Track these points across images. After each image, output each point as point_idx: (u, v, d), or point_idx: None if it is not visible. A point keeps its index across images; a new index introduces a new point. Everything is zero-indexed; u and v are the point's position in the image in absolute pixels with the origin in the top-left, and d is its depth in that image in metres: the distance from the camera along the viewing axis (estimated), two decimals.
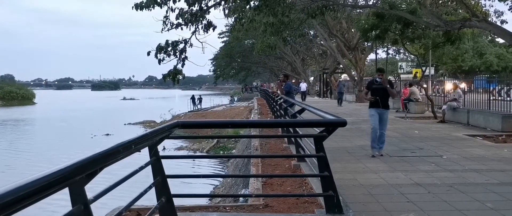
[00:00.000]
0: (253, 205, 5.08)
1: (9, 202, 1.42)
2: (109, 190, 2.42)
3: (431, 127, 13.33)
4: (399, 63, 53.24)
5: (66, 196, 2.01)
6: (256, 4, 12.97)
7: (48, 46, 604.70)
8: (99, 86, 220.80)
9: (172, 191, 3.57)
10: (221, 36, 54.78)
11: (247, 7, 13.37)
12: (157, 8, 11.31)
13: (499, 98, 13.91)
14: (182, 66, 12.44)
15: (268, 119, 16.94)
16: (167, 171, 3.55)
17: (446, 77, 35.46)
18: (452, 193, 5.48)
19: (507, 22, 21.60)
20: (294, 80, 48.49)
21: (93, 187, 2.22)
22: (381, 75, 8.37)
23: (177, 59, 12.33)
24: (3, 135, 33.30)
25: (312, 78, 55.14)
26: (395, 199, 5.25)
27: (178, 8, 11.61)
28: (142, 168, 3.10)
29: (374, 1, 24.91)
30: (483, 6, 18.26)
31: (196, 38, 12.32)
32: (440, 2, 17.67)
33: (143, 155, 3.35)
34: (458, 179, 6.28)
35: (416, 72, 33.41)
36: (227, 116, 33.74)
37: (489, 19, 15.56)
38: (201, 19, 12.04)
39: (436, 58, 29.01)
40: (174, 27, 11.88)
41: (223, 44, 55.93)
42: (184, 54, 12.35)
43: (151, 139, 3.12)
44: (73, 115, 50.06)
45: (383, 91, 8.09)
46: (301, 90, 33.74)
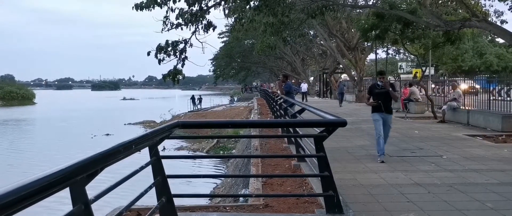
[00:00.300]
0: (253, 205, 5.08)
1: (10, 202, 1.43)
2: (109, 190, 2.43)
3: (431, 127, 13.33)
4: (399, 63, 53.22)
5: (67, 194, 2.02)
6: (256, 4, 12.97)
7: (48, 46, 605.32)
8: (99, 86, 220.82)
9: (172, 191, 3.58)
10: (221, 36, 54.84)
11: (247, 7, 13.38)
12: (157, 8, 11.32)
13: (499, 98, 13.91)
14: (182, 66, 12.46)
15: (268, 119, 16.94)
16: (167, 171, 3.56)
17: (446, 77, 35.47)
18: (452, 193, 5.49)
19: (507, 22, 21.65)
20: (294, 80, 48.48)
21: (94, 186, 2.23)
22: (382, 78, 8.17)
23: (177, 59, 12.34)
24: (4, 135, 33.35)
25: (312, 78, 55.12)
26: (395, 199, 5.25)
27: (178, 8, 11.63)
28: (142, 168, 3.11)
29: (374, 1, 24.90)
30: (483, 6, 18.30)
31: (196, 38, 12.35)
32: (440, 2, 17.67)
33: (144, 155, 3.35)
34: (458, 179, 6.28)
35: (416, 72, 33.42)
36: (227, 116, 33.73)
37: (489, 19, 15.56)
38: (201, 19, 12.05)
39: (436, 58, 29.02)
40: (174, 27, 11.89)
41: (223, 44, 55.95)
42: (184, 54, 12.36)
43: (152, 139, 3.13)
44: (73, 115, 50.07)
45: (385, 95, 7.90)
46: (302, 91, 33.70)
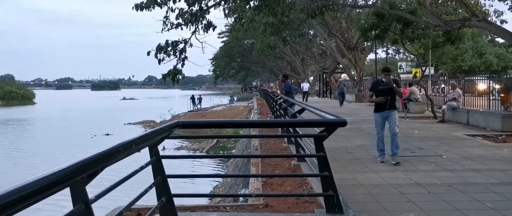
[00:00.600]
0: (253, 205, 5.08)
1: (11, 202, 1.43)
2: (110, 190, 2.43)
3: (431, 127, 13.33)
4: (399, 63, 53.18)
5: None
6: (256, 4, 12.97)
7: (48, 46, 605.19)
8: (99, 86, 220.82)
9: (172, 191, 3.58)
10: (220, 36, 54.82)
11: (247, 7, 13.38)
12: (157, 8, 11.32)
13: (499, 98, 13.91)
14: (182, 66, 12.46)
15: (268, 119, 16.94)
16: (167, 171, 3.55)
17: (445, 77, 35.50)
18: (452, 193, 5.49)
19: (507, 22, 21.70)
20: (293, 80, 48.48)
21: (94, 186, 2.23)
22: (387, 75, 8.01)
23: (177, 59, 12.33)
24: (5, 134, 33.39)
25: (311, 78, 55.12)
26: (395, 199, 5.25)
27: (178, 8, 11.63)
28: (142, 168, 3.11)
29: (374, 0, 24.89)
30: (483, 5, 18.35)
31: (196, 38, 12.34)
32: (440, 2, 17.67)
33: (144, 155, 3.35)
34: (458, 179, 6.28)
35: (416, 72, 33.40)
36: (227, 116, 33.73)
37: (489, 19, 15.57)
38: (201, 19, 12.05)
39: (436, 58, 28.97)
40: (174, 27, 11.89)
41: (223, 44, 55.93)
42: (184, 54, 12.36)
43: (152, 139, 3.13)
44: (73, 115, 50.07)
45: (390, 91, 7.77)
46: (303, 90, 33.68)
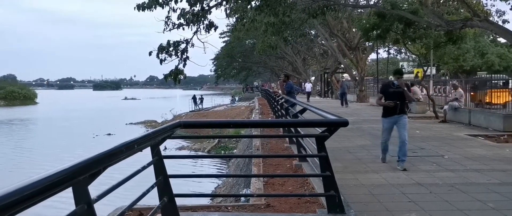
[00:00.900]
0: (254, 204, 5.08)
1: (14, 202, 1.44)
2: (112, 189, 2.43)
3: (433, 127, 13.31)
4: (400, 63, 53.25)
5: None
6: (257, 4, 12.98)
7: (49, 46, 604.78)
8: (100, 86, 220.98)
9: (174, 191, 3.58)
10: (222, 36, 54.78)
11: (249, 7, 13.38)
12: (158, 8, 11.32)
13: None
14: (184, 66, 12.46)
15: (269, 119, 16.94)
16: (169, 171, 3.56)
17: (447, 77, 35.44)
18: (454, 193, 5.48)
19: (508, 22, 21.68)
20: (295, 80, 48.45)
21: (96, 186, 2.23)
22: (400, 77, 7.69)
23: (178, 59, 12.34)
24: (8, 134, 33.48)
25: (313, 78, 55.10)
26: (397, 199, 5.25)
27: (179, 8, 11.64)
28: (144, 168, 3.12)
29: (375, 0, 24.86)
30: (485, 5, 18.28)
31: (198, 38, 12.35)
32: (441, 1, 17.63)
33: (145, 155, 3.36)
34: (459, 179, 6.28)
35: (418, 72, 33.37)
36: (228, 116, 33.74)
37: (490, 19, 15.54)
38: (202, 19, 12.05)
39: (438, 58, 28.90)
40: (175, 27, 11.90)
41: (224, 44, 55.97)
42: (185, 54, 12.37)
43: (153, 139, 3.13)
44: (75, 115, 50.14)
45: (400, 95, 7.44)
46: (306, 90, 33.71)
